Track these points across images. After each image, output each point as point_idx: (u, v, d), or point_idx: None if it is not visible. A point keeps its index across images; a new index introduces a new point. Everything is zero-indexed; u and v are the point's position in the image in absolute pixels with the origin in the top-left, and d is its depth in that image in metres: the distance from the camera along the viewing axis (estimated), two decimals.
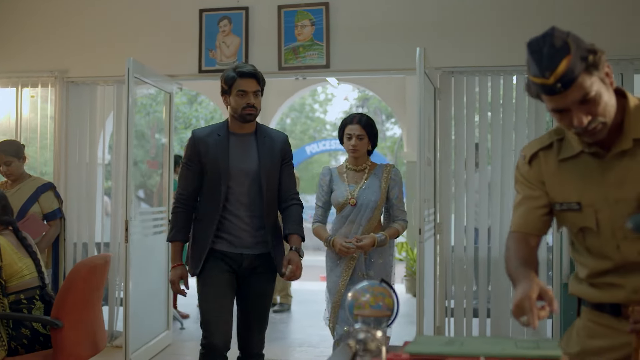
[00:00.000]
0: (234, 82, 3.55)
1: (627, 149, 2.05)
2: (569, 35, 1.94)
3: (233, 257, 3.60)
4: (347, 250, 4.08)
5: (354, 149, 4.20)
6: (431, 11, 5.60)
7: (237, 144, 3.63)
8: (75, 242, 6.05)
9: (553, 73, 1.90)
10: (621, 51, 5.26)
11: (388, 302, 2.25)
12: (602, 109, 1.97)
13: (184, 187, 3.67)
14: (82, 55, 6.06)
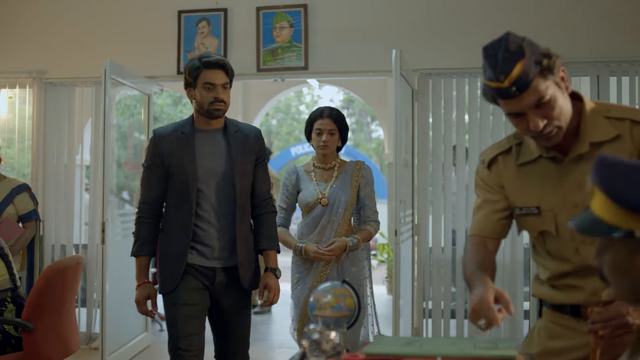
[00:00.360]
0: (199, 74, 3.19)
1: (584, 152, 2.07)
2: (524, 40, 1.96)
3: (205, 272, 3.21)
4: (322, 256, 3.78)
5: (324, 145, 3.88)
6: (409, 13, 5.62)
7: (205, 141, 3.25)
8: (53, 244, 6.03)
9: (508, 77, 1.91)
10: (597, 54, 5.30)
11: (349, 303, 2.26)
12: (557, 112, 1.99)
13: (147, 194, 3.29)
14: (60, 57, 6.03)
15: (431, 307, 5.65)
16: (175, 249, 3.20)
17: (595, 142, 2.07)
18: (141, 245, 3.27)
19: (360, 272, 3.92)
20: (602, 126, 2.07)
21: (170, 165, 3.22)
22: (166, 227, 3.28)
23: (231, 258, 3.22)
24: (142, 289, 3.25)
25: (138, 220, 3.31)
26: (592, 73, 5.35)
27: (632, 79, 5.32)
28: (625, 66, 5.32)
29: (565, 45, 5.37)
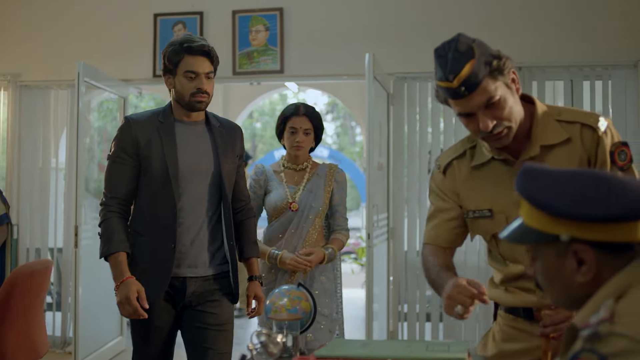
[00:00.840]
0: (180, 60, 2.82)
1: (535, 155, 2.09)
2: (475, 41, 1.98)
3: (173, 284, 2.84)
4: (299, 265, 3.44)
5: (298, 146, 3.56)
6: (384, 17, 5.63)
7: (186, 133, 2.90)
8: (28, 248, 6.00)
9: (457, 76, 1.93)
10: (571, 58, 5.34)
11: (305, 305, 2.26)
12: (507, 113, 2.01)
13: (117, 188, 2.86)
14: (35, 60, 6.01)
15: (407, 311, 5.66)
16: (157, 255, 2.80)
17: (546, 145, 2.09)
18: (117, 242, 2.80)
19: (330, 282, 3.63)
20: (553, 129, 2.10)
21: (146, 157, 2.83)
22: (140, 230, 2.86)
23: (211, 266, 2.89)
24: (127, 285, 2.73)
25: (107, 214, 2.84)
26: (566, 77, 5.39)
27: (605, 84, 5.36)
28: (598, 70, 5.36)
29: (540, 50, 5.42)
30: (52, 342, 5.89)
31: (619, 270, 1.30)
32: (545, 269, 1.38)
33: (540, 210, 1.32)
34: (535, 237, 1.35)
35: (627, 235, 1.29)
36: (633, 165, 2.12)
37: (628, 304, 1.24)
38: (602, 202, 1.27)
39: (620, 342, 1.18)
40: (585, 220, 1.29)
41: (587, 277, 1.32)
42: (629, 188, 1.31)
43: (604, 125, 2.08)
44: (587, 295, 1.32)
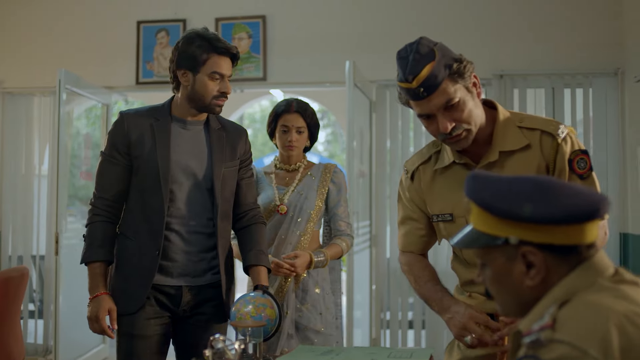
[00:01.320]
0: (208, 59, 2.63)
1: (494, 160, 2.12)
2: (437, 44, 2.02)
3: (168, 292, 2.67)
4: (280, 269, 3.11)
5: (291, 146, 3.26)
6: (366, 25, 5.65)
7: (182, 133, 2.71)
8: (10, 255, 5.98)
9: (416, 77, 1.97)
10: (552, 66, 5.37)
11: (269, 313, 2.26)
12: (466, 115, 2.04)
13: (107, 188, 2.69)
14: (18, 66, 6.00)
15: (389, 318, 5.66)
16: (142, 261, 2.64)
17: (505, 150, 2.11)
18: (98, 249, 2.65)
19: (326, 295, 3.30)
20: (513, 135, 2.12)
21: (137, 157, 2.66)
22: (127, 233, 2.70)
23: (204, 275, 2.71)
24: (99, 302, 2.59)
25: (93, 218, 2.69)
26: (547, 85, 5.41)
27: (586, 91, 5.38)
28: (579, 78, 5.38)
29: (521, 58, 5.45)
30: (34, 350, 5.88)
31: (567, 274, 1.32)
32: (495, 274, 1.39)
33: (488, 213, 1.34)
34: (485, 241, 1.37)
35: (573, 237, 1.31)
36: (594, 173, 2.14)
37: (570, 310, 1.25)
38: (547, 204, 1.29)
39: (561, 349, 1.19)
40: (531, 222, 1.30)
41: (535, 280, 1.33)
42: (574, 192, 1.33)
43: (564, 133, 2.11)
44: (536, 300, 1.34)
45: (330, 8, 5.72)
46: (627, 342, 1.19)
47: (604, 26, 5.36)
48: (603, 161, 5.29)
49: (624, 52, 5.26)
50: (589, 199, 1.31)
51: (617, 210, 5.24)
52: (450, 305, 2.13)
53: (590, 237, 1.32)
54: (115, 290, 2.66)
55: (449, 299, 2.16)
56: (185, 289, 2.68)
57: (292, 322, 3.15)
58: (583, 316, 1.22)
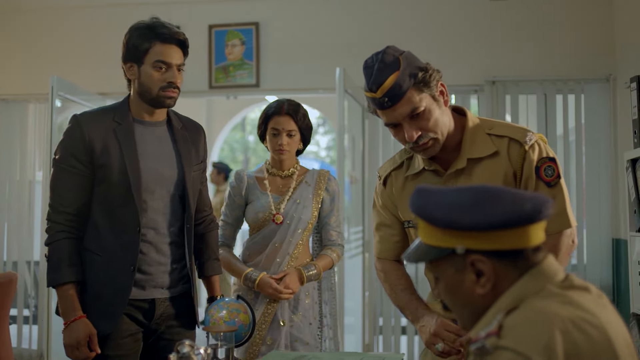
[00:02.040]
0: (150, 48, 2.46)
1: (462, 167, 2.13)
2: (402, 53, 2.03)
3: (142, 306, 2.52)
4: (281, 295, 2.99)
5: (282, 150, 3.09)
6: (359, 32, 5.67)
7: (147, 136, 2.52)
8: (5, 261, 6.00)
9: (380, 87, 1.99)
10: (544, 72, 5.38)
11: (243, 318, 2.27)
12: (432, 124, 2.05)
13: (68, 201, 2.44)
14: (12, 73, 6.04)
15: (382, 324, 5.66)
16: (113, 278, 2.45)
17: (473, 158, 2.13)
18: (67, 269, 2.41)
19: (314, 305, 3.17)
20: (482, 142, 2.14)
21: (102, 165, 2.45)
22: (93, 249, 2.48)
23: (177, 285, 2.58)
24: (78, 327, 2.39)
25: (57, 235, 2.44)
26: (539, 91, 5.42)
27: (577, 97, 5.39)
28: (571, 84, 5.39)
29: (513, 64, 5.46)
30: (28, 356, 5.90)
31: (517, 279, 1.33)
32: (447, 285, 1.40)
33: (433, 226, 1.35)
34: (434, 254, 1.38)
35: (518, 241, 1.32)
36: (562, 181, 2.14)
37: (517, 316, 1.26)
38: (487, 211, 1.30)
39: (505, 355, 1.19)
40: (472, 230, 1.31)
41: (486, 287, 1.34)
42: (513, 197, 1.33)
43: (531, 140, 2.12)
44: (487, 307, 1.34)
45: (323, 15, 5.74)
46: (573, 347, 1.20)
47: (596, 32, 5.37)
48: (595, 167, 5.30)
49: (615, 58, 5.27)
50: (528, 203, 1.31)
51: (609, 216, 5.24)
52: (424, 315, 2.16)
53: (535, 240, 1.33)
54: (86, 311, 2.43)
55: (423, 309, 2.19)
56: (159, 302, 2.53)
57: (288, 334, 3.04)
58: (528, 322, 1.23)
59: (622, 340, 1.29)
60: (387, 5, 5.66)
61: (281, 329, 3.01)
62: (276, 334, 3.01)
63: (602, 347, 1.22)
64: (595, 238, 5.28)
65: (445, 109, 2.11)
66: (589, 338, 1.22)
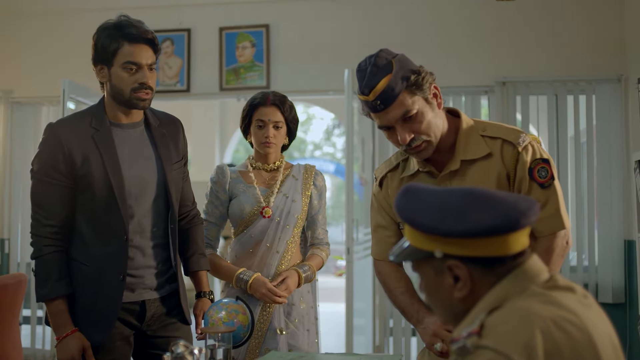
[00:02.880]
0: (118, 49, 2.38)
1: (456, 169, 2.14)
2: (396, 56, 2.03)
3: (132, 309, 2.48)
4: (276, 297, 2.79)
5: (267, 143, 2.90)
6: (368, 34, 5.67)
7: (125, 140, 2.47)
8: (18, 262, 6.06)
9: (372, 90, 1.99)
10: (554, 73, 5.36)
11: (242, 319, 2.28)
12: (424, 127, 2.06)
13: (52, 214, 2.40)
14: (26, 76, 6.09)
15: (392, 325, 5.65)
16: (102, 286, 2.42)
17: (467, 159, 2.13)
18: (56, 283, 2.37)
19: (310, 310, 3.01)
20: (475, 144, 2.14)
21: (84, 175, 2.39)
22: (79, 258, 2.44)
23: (164, 286, 2.56)
24: (72, 342, 2.35)
25: (43, 250, 2.39)
26: (550, 92, 5.39)
27: (589, 98, 5.36)
28: (582, 85, 5.36)
29: (524, 65, 5.43)
30: (42, 356, 5.95)
31: (494, 285, 1.32)
32: (428, 286, 1.41)
33: (414, 229, 1.35)
34: (416, 256, 1.38)
35: (496, 249, 1.31)
36: (556, 182, 2.14)
37: (498, 316, 1.26)
38: (463, 218, 1.30)
39: (486, 354, 1.20)
40: (450, 236, 1.31)
41: (463, 292, 1.34)
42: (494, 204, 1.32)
43: (525, 142, 2.12)
44: (466, 310, 1.35)
45: (333, 17, 5.75)
46: (553, 346, 1.19)
47: (607, 32, 5.34)
48: (607, 168, 5.26)
49: (627, 59, 5.24)
50: (507, 211, 1.30)
51: (621, 217, 5.21)
52: (425, 317, 2.18)
53: (515, 247, 1.33)
54: (78, 322, 2.39)
55: (423, 312, 2.20)
56: (149, 303, 2.51)
57: (284, 343, 2.87)
58: (509, 322, 1.23)
59: (607, 340, 1.29)
60: (397, 6, 5.66)
61: (278, 338, 2.85)
62: (272, 343, 2.84)
63: (583, 347, 1.22)
64: (607, 239, 5.24)
65: (438, 112, 2.12)
66: (570, 337, 1.22)
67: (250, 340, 2.78)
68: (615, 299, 5.17)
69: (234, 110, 10.82)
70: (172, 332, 2.52)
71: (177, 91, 5.79)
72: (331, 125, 21.49)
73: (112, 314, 2.39)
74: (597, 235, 5.29)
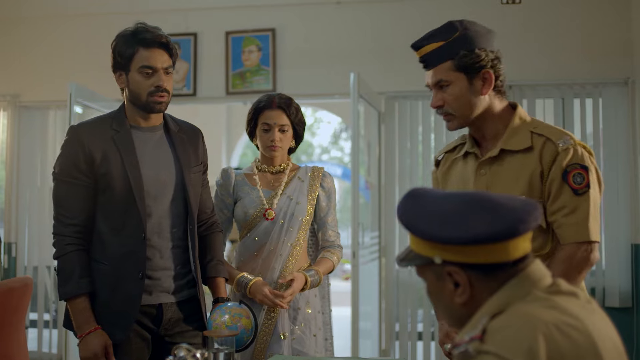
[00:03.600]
0: (134, 54, 2.47)
1: (494, 156, 2.18)
2: (464, 32, 2.13)
3: (149, 312, 2.51)
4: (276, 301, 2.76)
5: (273, 146, 2.89)
6: (375, 37, 5.67)
7: (145, 142, 2.54)
8: (25, 266, 6.08)
9: (419, 49, 2.17)
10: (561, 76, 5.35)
11: (245, 323, 2.28)
12: (452, 100, 2.16)
13: (74, 214, 2.45)
14: (33, 80, 6.12)
15: (398, 330, 5.64)
16: (122, 285, 2.46)
17: (507, 149, 2.17)
18: (79, 281, 2.41)
19: (317, 315, 2.97)
20: (521, 137, 2.17)
21: (104, 174, 2.45)
22: (99, 257, 2.49)
23: (183, 290, 2.57)
24: (95, 339, 2.39)
25: (65, 248, 2.45)
26: (556, 95, 5.38)
27: (595, 101, 5.35)
28: (588, 88, 5.35)
29: (530, 68, 5.42)
30: (49, 359, 5.96)
31: (494, 291, 1.32)
32: (430, 291, 1.41)
33: (414, 235, 1.35)
34: (417, 261, 1.38)
35: (495, 256, 1.31)
36: (592, 192, 2.10)
37: (501, 321, 1.26)
38: (461, 226, 1.29)
39: (488, 359, 1.19)
40: (448, 244, 1.31)
41: (463, 297, 1.33)
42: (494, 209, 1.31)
43: (566, 143, 2.12)
44: (469, 315, 1.34)
45: (339, 20, 5.75)
46: (556, 351, 1.19)
47: (613, 35, 5.33)
48: (613, 171, 5.25)
49: (633, 61, 5.23)
50: (505, 218, 1.29)
51: (628, 221, 5.19)
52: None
53: (515, 253, 1.31)
54: (98, 321, 2.43)
55: None
56: (166, 307, 2.53)
57: (289, 348, 2.85)
58: (511, 326, 1.23)
59: (610, 345, 1.28)
60: (401, 10, 5.66)
61: (282, 343, 2.82)
62: (276, 347, 2.82)
63: (586, 352, 1.21)
64: (614, 243, 5.22)
65: (481, 97, 2.17)
66: (573, 342, 1.21)
67: (255, 345, 2.77)
68: (622, 303, 5.15)
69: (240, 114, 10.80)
70: (190, 338, 2.53)
71: (183, 95, 5.81)
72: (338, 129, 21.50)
73: (132, 312, 2.43)
74: (604, 239, 5.27)
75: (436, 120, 5.58)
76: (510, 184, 2.13)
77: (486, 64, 2.14)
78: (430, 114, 5.61)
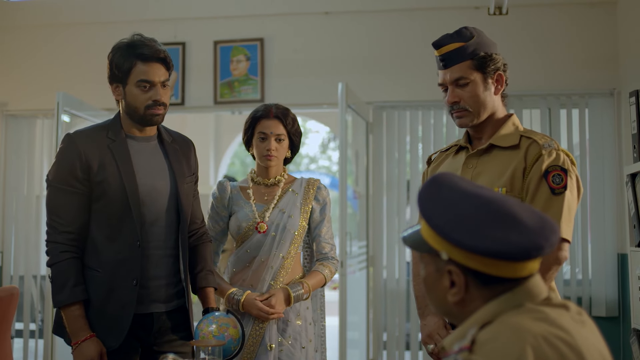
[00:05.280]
0: (132, 68, 2.48)
1: (483, 148, 2.32)
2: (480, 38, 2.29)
3: (140, 321, 2.52)
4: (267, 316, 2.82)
5: (269, 155, 2.92)
6: (363, 48, 5.69)
7: (140, 152, 2.57)
8: (12, 275, 6.04)
9: (440, 48, 2.31)
10: (548, 87, 5.39)
11: (233, 332, 2.28)
12: (468, 97, 2.29)
13: (68, 221, 2.46)
14: (21, 89, 6.09)
15: (386, 339, 5.64)
16: (114, 293, 2.47)
17: (495, 144, 2.31)
18: (73, 289, 2.42)
19: (308, 327, 2.98)
20: (510, 137, 2.32)
21: (100, 182, 2.47)
22: (92, 265, 2.50)
23: (172, 299, 2.60)
24: (89, 347, 2.40)
25: (59, 256, 2.45)
26: (543, 106, 5.42)
27: (581, 112, 5.39)
28: (575, 99, 5.39)
29: (517, 79, 5.38)
30: None
31: (488, 300, 1.32)
32: (426, 278, 1.42)
33: (429, 226, 1.36)
34: (423, 248, 1.39)
35: (502, 271, 1.31)
36: (568, 194, 2.21)
37: (490, 331, 1.26)
38: (476, 234, 1.29)
39: None
40: (458, 246, 1.31)
41: (455, 298, 1.35)
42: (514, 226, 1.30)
43: (551, 147, 2.25)
44: (458, 312, 1.35)
45: (328, 30, 5.77)
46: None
47: (600, 46, 5.37)
48: (599, 181, 5.28)
49: (619, 72, 5.27)
50: (522, 240, 1.28)
51: (614, 230, 5.22)
52: (428, 315, 2.32)
53: (522, 273, 1.32)
54: (92, 328, 2.45)
55: (430, 309, 2.32)
56: (157, 316, 2.55)
57: (276, 359, 2.87)
58: (500, 337, 1.23)
59: (597, 356, 1.29)
60: (390, 20, 5.69)
61: (269, 354, 2.84)
62: (263, 358, 2.84)
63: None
64: (601, 253, 5.25)
65: (494, 97, 2.34)
66: (561, 355, 1.22)
67: (242, 356, 2.78)
68: (609, 312, 5.17)
69: (228, 124, 10.86)
70: (178, 347, 2.55)
71: (171, 104, 5.75)
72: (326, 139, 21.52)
73: (126, 320, 2.44)
74: (590, 249, 5.30)
75: (424, 130, 5.61)
76: (494, 177, 2.27)
77: (500, 66, 2.35)
78: (418, 124, 5.64)
